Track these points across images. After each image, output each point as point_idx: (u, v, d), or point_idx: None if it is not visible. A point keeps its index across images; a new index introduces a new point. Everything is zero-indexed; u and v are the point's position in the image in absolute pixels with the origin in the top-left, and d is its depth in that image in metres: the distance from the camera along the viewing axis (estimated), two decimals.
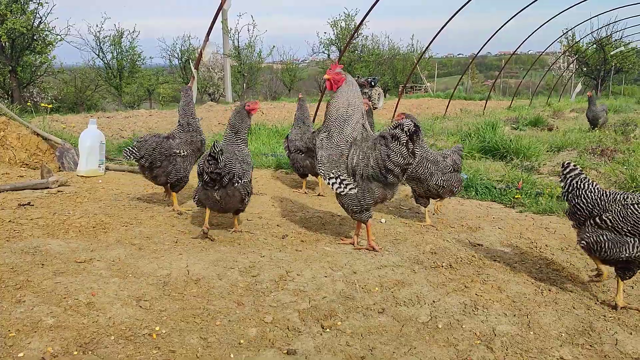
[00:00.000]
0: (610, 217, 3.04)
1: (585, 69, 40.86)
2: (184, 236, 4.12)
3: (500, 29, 16.71)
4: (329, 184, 3.96)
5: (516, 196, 5.86)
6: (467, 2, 13.11)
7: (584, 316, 2.98)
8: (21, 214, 4.39)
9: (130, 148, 4.72)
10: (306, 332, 2.70)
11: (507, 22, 16.33)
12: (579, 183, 3.26)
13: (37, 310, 2.68)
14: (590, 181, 3.26)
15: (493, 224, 4.93)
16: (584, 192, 3.22)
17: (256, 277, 3.31)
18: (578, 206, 3.22)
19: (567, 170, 3.32)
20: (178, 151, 4.87)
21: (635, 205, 2.97)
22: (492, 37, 17.33)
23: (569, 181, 3.30)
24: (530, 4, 15.27)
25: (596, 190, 3.19)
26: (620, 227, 2.99)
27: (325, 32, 45.44)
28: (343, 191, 3.89)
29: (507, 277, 3.55)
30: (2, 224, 4.08)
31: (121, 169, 6.88)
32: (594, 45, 38.36)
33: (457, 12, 13.64)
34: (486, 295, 3.21)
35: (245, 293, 3.11)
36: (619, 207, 3.03)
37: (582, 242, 3.17)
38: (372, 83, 20.87)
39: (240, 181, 4.06)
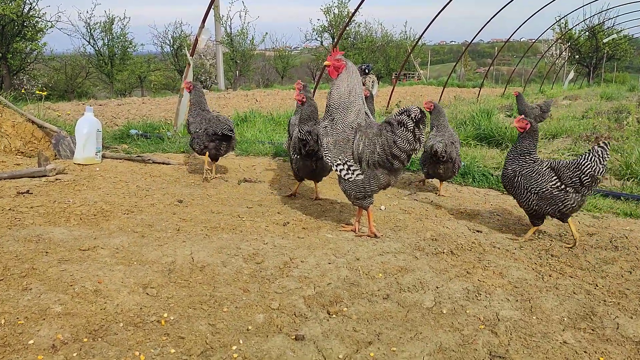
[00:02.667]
0: None
1: (577, 56, 41.00)
2: (186, 224, 4.12)
3: (493, 16, 16.74)
4: (336, 170, 3.97)
5: None
6: None
7: (584, 301, 3.03)
8: (21, 202, 4.37)
9: (227, 130, 5.61)
10: (313, 318, 2.73)
11: (501, 9, 16.33)
12: None
13: (45, 298, 2.68)
14: None
15: (491, 210, 4.97)
16: None
17: (260, 264, 3.33)
18: None
19: None
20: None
21: None
22: (485, 24, 17.40)
23: None
24: None
25: None
26: None
27: (318, 19, 45.19)
28: (350, 177, 3.91)
29: (507, 263, 3.59)
30: (2, 212, 4.06)
31: (118, 157, 6.84)
32: (587, 33, 38.43)
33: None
34: (488, 281, 3.25)
35: (250, 280, 3.12)
36: None
37: None
38: (366, 70, 20.75)
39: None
